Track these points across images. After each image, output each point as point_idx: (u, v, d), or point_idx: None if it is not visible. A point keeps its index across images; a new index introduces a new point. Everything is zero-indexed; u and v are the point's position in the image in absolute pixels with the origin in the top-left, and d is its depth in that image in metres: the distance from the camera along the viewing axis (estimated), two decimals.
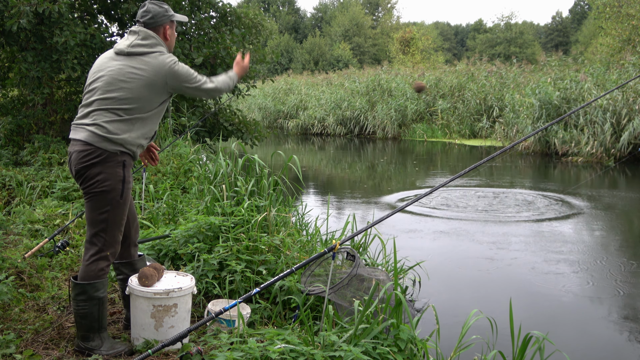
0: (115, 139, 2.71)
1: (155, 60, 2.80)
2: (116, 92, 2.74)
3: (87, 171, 2.72)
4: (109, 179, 2.72)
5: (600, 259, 5.46)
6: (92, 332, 2.76)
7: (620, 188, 9.46)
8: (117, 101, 2.74)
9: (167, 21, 2.92)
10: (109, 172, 2.72)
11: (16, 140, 7.95)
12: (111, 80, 2.76)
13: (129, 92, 2.74)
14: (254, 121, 9.68)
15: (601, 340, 3.76)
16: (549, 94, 13.34)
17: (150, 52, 2.82)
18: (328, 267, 3.27)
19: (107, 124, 2.72)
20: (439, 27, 66.77)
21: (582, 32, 48.44)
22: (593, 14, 26.03)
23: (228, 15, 9.30)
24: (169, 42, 2.96)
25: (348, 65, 37.69)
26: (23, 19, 6.70)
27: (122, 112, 2.74)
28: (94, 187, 2.72)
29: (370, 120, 18.63)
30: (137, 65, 2.78)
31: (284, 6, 60.22)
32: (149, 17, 2.87)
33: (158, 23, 2.88)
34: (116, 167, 2.73)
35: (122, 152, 2.75)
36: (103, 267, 2.76)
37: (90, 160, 2.71)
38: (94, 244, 2.76)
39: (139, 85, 2.76)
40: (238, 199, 4.96)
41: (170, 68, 2.81)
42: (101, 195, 2.72)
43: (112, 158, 2.73)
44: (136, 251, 3.08)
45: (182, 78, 2.85)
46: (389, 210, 7.29)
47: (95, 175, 2.71)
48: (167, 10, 2.93)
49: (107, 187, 2.71)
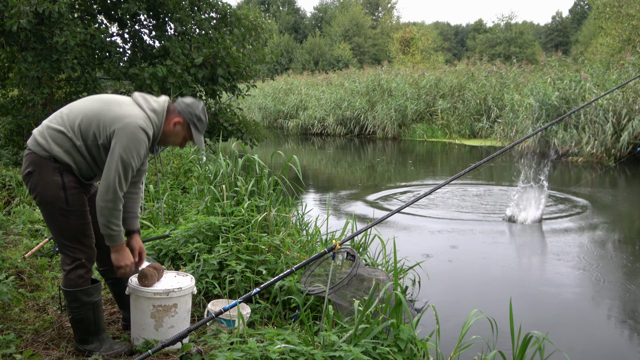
0: (48, 146, 2.54)
1: (125, 110, 2.55)
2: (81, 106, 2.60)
3: (27, 180, 2.59)
4: (47, 189, 2.55)
5: (600, 258, 5.46)
6: (90, 335, 2.76)
7: (620, 188, 9.46)
8: (72, 113, 2.59)
9: (187, 119, 2.68)
10: (45, 181, 2.54)
11: (16, 140, 7.95)
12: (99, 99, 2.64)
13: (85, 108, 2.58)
14: (254, 122, 9.68)
15: (601, 340, 3.76)
16: (548, 94, 13.34)
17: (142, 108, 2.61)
18: (328, 267, 3.27)
19: (48, 128, 2.58)
20: (439, 27, 66.76)
21: (582, 32, 48.43)
22: (593, 14, 26.06)
23: (228, 16, 9.30)
24: (167, 132, 2.70)
25: (348, 65, 37.69)
26: (23, 19, 6.71)
27: (65, 125, 2.57)
28: (36, 199, 2.59)
29: (370, 120, 18.62)
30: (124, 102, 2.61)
31: (284, 6, 60.21)
32: (187, 102, 2.70)
33: (182, 112, 2.68)
34: (52, 174, 2.55)
35: (55, 159, 2.56)
36: (81, 274, 2.67)
37: (27, 167, 2.57)
38: (65, 255, 2.66)
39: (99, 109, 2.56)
40: (238, 199, 4.96)
41: (127, 124, 2.49)
42: (46, 206, 2.58)
43: (46, 164, 2.55)
44: None
45: (124, 144, 2.49)
46: (388, 210, 7.29)
47: (34, 185, 2.57)
48: (200, 121, 2.70)
49: (49, 197, 2.55)
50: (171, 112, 2.70)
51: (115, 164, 2.50)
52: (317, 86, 23.54)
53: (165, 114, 2.68)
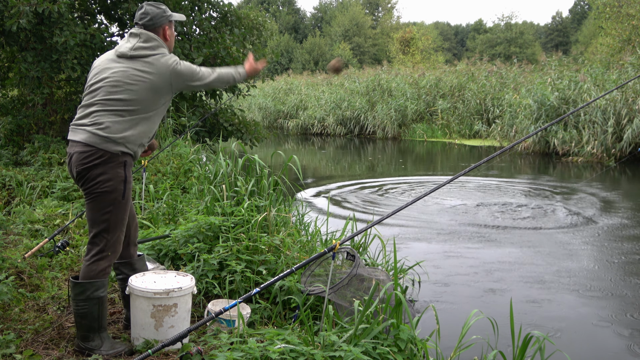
0: (117, 139, 2.72)
1: (158, 63, 2.81)
2: (121, 94, 2.75)
3: (89, 172, 2.72)
4: (111, 180, 2.72)
5: (601, 258, 5.46)
6: (92, 332, 2.76)
7: (621, 188, 9.46)
8: (122, 103, 2.75)
9: (166, 22, 2.93)
10: (111, 173, 2.72)
11: (16, 140, 7.95)
12: (115, 83, 2.76)
13: (134, 94, 2.76)
14: (254, 122, 9.68)
15: (602, 340, 3.76)
16: (546, 95, 13.34)
17: (153, 54, 2.83)
18: (328, 267, 3.27)
19: (110, 124, 2.73)
20: (439, 27, 66.75)
21: (582, 32, 48.44)
22: (593, 14, 26.06)
23: (229, 16, 9.30)
24: (169, 42, 2.97)
25: (348, 65, 37.66)
26: (23, 19, 6.70)
27: (126, 113, 2.76)
28: (96, 188, 2.73)
29: (370, 120, 18.62)
30: (141, 68, 2.79)
31: (284, 6, 60.20)
32: (148, 19, 2.88)
33: (157, 24, 2.89)
34: (118, 167, 2.74)
35: (124, 152, 2.76)
36: (104, 267, 2.77)
37: (92, 161, 2.71)
38: (95, 244, 2.76)
39: (144, 87, 2.77)
40: (238, 199, 4.96)
41: (174, 69, 2.83)
42: (103, 195, 2.73)
43: (114, 159, 2.73)
44: (135, 251, 3.08)
45: (186, 77, 2.87)
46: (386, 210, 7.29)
47: (97, 176, 2.72)
48: (165, 11, 2.93)
49: (109, 187, 2.72)
50: (154, 32, 2.89)
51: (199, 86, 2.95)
52: (317, 86, 23.54)
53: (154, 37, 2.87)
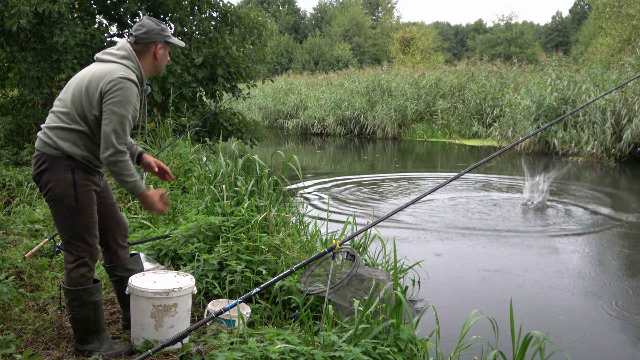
0: (55, 145, 2.61)
1: (106, 67, 2.61)
2: (67, 94, 2.67)
3: (39, 179, 2.67)
4: (58, 186, 2.62)
5: (602, 258, 5.46)
6: (90, 335, 2.76)
7: (621, 188, 9.46)
8: (62, 103, 2.67)
9: (161, 40, 2.77)
10: (57, 179, 2.61)
11: (16, 140, 7.95)
12: (70, 84, 2.70)
13: (71, 94, 2.64)
14: (254, 122, 9.68)
15: (602, 340, 3.76)
16: (544, 95, 13.34)
17: (113, 61, 2.66)
18: (328, 267, 3.27)
19: (50, 129, 2.65)
20: (439, 27, 66.74)
21: (582, 32, 48.43)
22: (593, 14, 26.05)
23: (229, 16, 9.30)
24: (158, 63, 2.81)
25: (348, 65, 37.68)
26: (23, 19, 6.71)
27: (62, 115, 2.64)
28: (47, 196, 2.66)
29: (370, 120, 18.62)
30: (91, 70, 2.66)
31: (283, 6, 60.22)
32: (142, 32, 2.74)
33: (150, 40, 2.74)
34: (64, 172, 2.62)
35: (68, 156, 2.63)
36: (84, 272, 2.70)
37: (39, 167, 2.65)
38: (69, 252, 2.71)
39: (80, 86, 2.62)
40: (238, 199, 4.96)
41: (114, 80, 2.54)
42: (56, 203, 2.65)
43: (57, 162, 2.62)
44: (126, 252, 3.01)
45: (114, 100, 2.53)
46: (386, 211, 7.29)
47: (46, 183, 2.64)
48: (164, 30, 2.78)
49: (59, 194, 2.62)
50: (144, 46, 2.74)
51: (109, 120, 2.53)
52: (317, 86, 23.53)
53: (136, 54, 2.73)
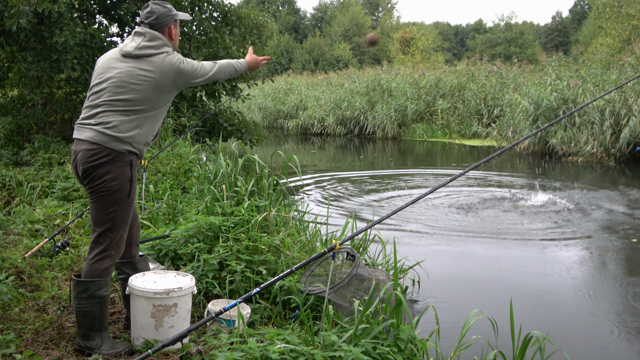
0: (124, 138, 2.74)
1: (163, 62, 2.83)
2: (126, 94, 2.76)
3: (95, 171, 2.73)
4: (117, 179, 2.73)
5: (602, 258, 5.46)
6: (93, 331, 2.76)
7: (621, 188, 9.46)
8: (128, 103, 2.77)
9: (171, 21, 2.94)
10: (117, 172, 2.73)
11: (16, 140, 7.95)
12: (120, 83, 2.78)
13: (139, 94, 2.77)
14: (254, 123, 9.69)
15: (602, 340, 3.75)
16: (542, 96, 13.34)
17: (158, 53, 2.84)
18: (328, 267, 3.27)
19: (117, 123, 2.74)
20: (439, 27, 66.74)
21: (582, 32, 48.46)
22: (593, 14, 26.06)
23: (229, 16, 9.30)
24: (174, 42, 2.99)
25: (348, 65, 37.69)
26: (23, 19, 6.71)
27: (132, 112, 2.78)
28: (102, 187, 2.73)
29: (370, 120, 18.62)
30: (146, 67, 2.80)
31: (283, 6, 60.22)
32: (154, 18, 2.89)
33: (163, 23, 2.91)
34: (124, 166, 2.75)
35: (130, 151, 2.77)
36: (107, 266, 2.78)
37: (99, 159, 2.72)
38: (99, 243, 2.77)
39: (149, 87, 2.80)
40: (238, 199, 4.96)
41: (178, 67, 2.85)
42: (109, 195, 2.73)
43: (120, 158, 2.75)
44: (137, 251, 3.08)
45: (189, 75, 2.90)
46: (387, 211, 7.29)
47: (104, 174, 2.72)
48: (171, 10, 2.95)
49: (115, 186, 2.73)
50: (160, 31, 2.91)
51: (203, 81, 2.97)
52: (317, 86, 23.53)
53: (159, 37, 2.88)
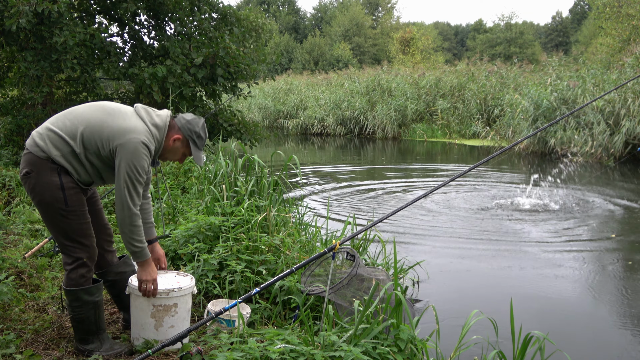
0: (45, 148, 2.56)
1: (129, 124, 2.58)
2: (82, 112, 2.63)
3: (25, 181, 2.60)
4: (46, 190, 2.55)
5: (603, 258, 5.46)
6: (90, 335, 2.76)
7: (621, 188, 9.46)
8: (72, 117, 2.61)
9: (187, 136, 2.73)
10: (43, 182, 2.55)
11: (16, 140, 7.94)
12: (91, 106, 2.66)
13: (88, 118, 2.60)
14: (254, 123, 9.70)
15: (602, 340, 3.76)
16: (542, 97, 13.34)
17: (144, 121, 2.63)
18: (328, 267, 3.27)
19: (47, 130, 2.59)
20: (439, 27, 66.74)
21: (582, 32, 48.43)
22: (593, 14, 26.05)
23: (228, 16, 9.31)
24: (166, 149, 2.75)
25: (348, 65, 37.69)
26: (22, 19, 6.71)
27: (65, 126, 2.58)
28: (35, 200, 2.61)
29: (370, 120, 18.62)
30: (126, 115, 2.63)
31: (283, 6, 60.22)
32: (187, 119, 2.73)
33: (182, 128, 2.72)
34: (50, 175, 2.55)
35: (54, 161, 2.56)
36: (83, 273, 2.69)
37: (24, 168, 2.58)
38: (66, 254, 2.69)
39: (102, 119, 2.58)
40: (238, 199, 4.96)
41: (130, 140, 2.52)
42: (46, 208, 2.59)
43: (44, 165, 2.55)
44: (114, 256, 3.00)
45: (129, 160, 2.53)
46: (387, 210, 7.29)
47: (33, 186, 2.57)
48: (199, 138, 2.74)
49: (47, 198, 2.56)
50: (172, 127, 2.74)
51: (123, 181, 2.55)
52: (317, 86, 23.53)
53: (167, 130, 2.71)
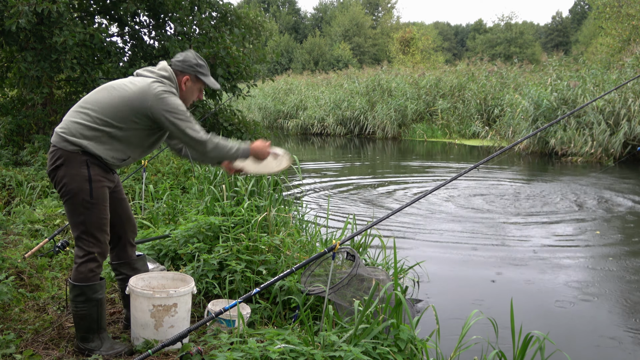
0: (74, 141, 2.66)
1: (145, 83, 2.71)
2: (97, 95, 2.73)
3: (54, 174, 2.71)
4: (74, 181, 2.66)
5: (603, 258, 5.46)
6: (91, 333, 2.76)
7: (620, 188, 9.46)
8: (93, 104, 2.70)
9: (191, 73, 2.84)
10: (72, 174, 2.66)
11: (16, 140, 7.95)
12: (102, 87, 2.76)
13: (108, 99, 2.69)
14: (254, 122, 9.69)
15: (602, 340, 3.75)
16: (542, 97, 13.34)
17: (150, 76, 2.76)
18: (328, 267, 3.27)
19: (72, 124, 2.69)
20: (439, 27, 66.75)
21: (582, 32, 48.47)
22: (593, 14, 26.08)
23: (228, 15, 9.30)
24: (183, 93, 2.86)
25: (348, 65, 37.69)
26: (22, 19, 6.70)
27: (90, 118, 2.68)
28: (62, 191, 2.70)
29: (370, 120, 18.62)
30: (130, 80, 2.76)
31: (284, 6, 60.23)
32: (179, 60, 2.84)
33: (182, 70, 2.83)
34: (79, 167, 2.67)
35: (84, 151, 2.68)
36: (92, 267, 2.73)
37: (54, 162, 2.70)
38: (80, 247, 2.73)
39: (119, 96, 2.68)
40: (238, 199, 4.96)
41: (158, 94, 2.67)
42: (71, 198, 2.69)
43: (73, 158, 2.67)
44: (134, 251, 3.05)
45: (168, 108, 2.67)
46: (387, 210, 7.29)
47: (61, 178, 2.68)
48: (199, 66, 2.85)
49: (74, 188, 2.67)
50: (176, 74, 2.86)
51: (179, 126, 2.69)
52: (317, 86, 23.54)
53: (171, 77, 2.82)
